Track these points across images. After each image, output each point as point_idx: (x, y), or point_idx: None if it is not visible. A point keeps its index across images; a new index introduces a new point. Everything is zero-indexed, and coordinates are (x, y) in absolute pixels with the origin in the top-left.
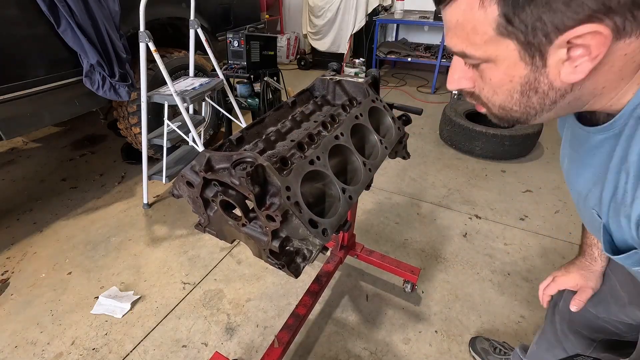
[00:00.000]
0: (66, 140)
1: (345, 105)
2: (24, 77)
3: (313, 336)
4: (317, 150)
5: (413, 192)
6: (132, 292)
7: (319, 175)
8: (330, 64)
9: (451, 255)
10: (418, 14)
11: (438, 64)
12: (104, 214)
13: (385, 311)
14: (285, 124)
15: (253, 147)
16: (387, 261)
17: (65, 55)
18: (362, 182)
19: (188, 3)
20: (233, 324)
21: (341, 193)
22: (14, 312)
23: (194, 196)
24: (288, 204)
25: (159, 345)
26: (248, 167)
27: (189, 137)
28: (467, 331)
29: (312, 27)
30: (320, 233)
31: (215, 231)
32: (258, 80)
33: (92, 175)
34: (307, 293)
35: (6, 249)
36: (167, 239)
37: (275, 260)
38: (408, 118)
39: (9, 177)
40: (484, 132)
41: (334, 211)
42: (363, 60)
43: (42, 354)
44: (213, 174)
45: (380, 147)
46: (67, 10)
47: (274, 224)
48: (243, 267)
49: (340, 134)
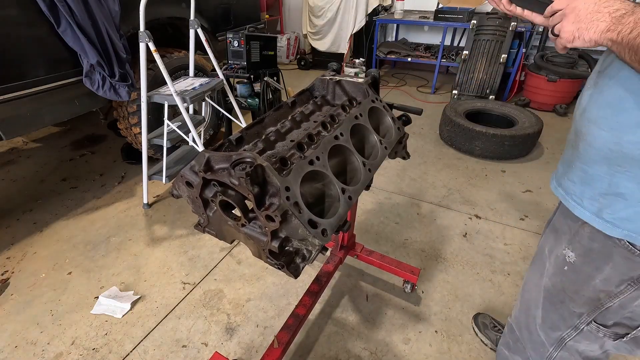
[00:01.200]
0: (66, 140)
1: (345, 105)
2: (24, 77)
3: (313, 336)
4: (317, 151)
5: (413, 192)
6: (132, 292)
7: (319, 175)
8: (330, 64)
9: (451, 255)
10: (418, 14)
11: (438, 64)
12: (104, 214)
13: (385, 311)
14: (284, 124)
15: (252, 147)
16: (387, 261)
17: (65, 55)
18: (362, 182)
19: (188, 3)
20: (233, 324)
21: (341, 193)
22: (14, 312)
23: (193, 196)
24: (287, 204)
25: (159, 345)
26: (247, 168)
27: (189, 137)
28: (467, 331)
29: (312, 27)
30: (320, 233)
31: (214, 231)
32: (258, 80)
33: (92, 175)
34: (307, 293)
35: (6, 249)
36: (167, 239)
37: (275, 260)
38: (408, 118)
39: (9, 177)
40: (484, 132)
41: (334, 211)
42: (363, 60)
43: (42, 354)
44: (212, 174)
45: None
46: (67, 10)
47: (273, 224)
48: (243, 267)
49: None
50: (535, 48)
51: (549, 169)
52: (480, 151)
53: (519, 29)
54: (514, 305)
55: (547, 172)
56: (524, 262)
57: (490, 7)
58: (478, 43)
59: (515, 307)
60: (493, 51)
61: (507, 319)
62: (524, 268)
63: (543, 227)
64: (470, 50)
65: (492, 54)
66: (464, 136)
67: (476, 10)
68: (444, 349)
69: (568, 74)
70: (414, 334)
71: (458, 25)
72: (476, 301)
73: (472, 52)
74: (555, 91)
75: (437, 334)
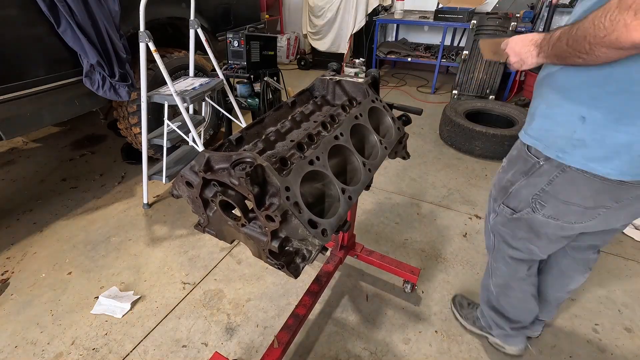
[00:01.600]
0: (66, 140)
1: (345, 105)
2: (24, 77)
3: (313, 336)
4: (317, 151)
5: (413, 192)
6: (132, 292)
7: (319, 175)
8: (330, 64)
9: (451, 255)
10: (418, 14)
11: (438, 64)
12: (104, 214)
13: (385, 311)
14: (285, 124)
15: (252, 147)
16: (387, 261)
17: (65, 55)
18: (362, 182)
19: (188, 3)
20: (233, 324)
21: (341, 193)
22: (14, 312)
23: (193, 196)
24: (287, 204)
25: (159, 345)
26: (247, 168)
27: (189, 137)
28: (467, 331)
29: (312, 27)
30: (320, 233)
31: (214, 231)
32: (258, 80)
33: (92, 175)
34: (307, 293)
35: (6, 249)
36: (167, 239)
37: (275, 260)
38: (408, 118)
39: (9, 177)
40: (484, 132)
41: (334, 211)
42: (363, 60)
43: (42, 354)
44: (212, 174)
45: (380, 147)
46: (67, 10)
47: (273, 224)
48: (243, 267)
49: (340, 134)
50: None
51: None
52: (480, 151)
53: (519, 29)
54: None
55: None
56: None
57: (490, 7)
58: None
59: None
60: None
61: None
62: None
63: None
64: (470, 50)
65: None
66: (464, 136)
67: (476, 10)
68: (444, 349)
69: None
70: (414, 334)
71: (458, 25)
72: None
73: (472, 52)
74: None
75: (437, 334)
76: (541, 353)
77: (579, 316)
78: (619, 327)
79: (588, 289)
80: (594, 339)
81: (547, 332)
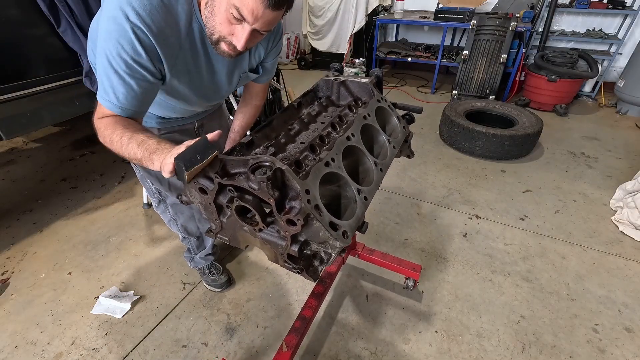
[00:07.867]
0: (66, 140)
1: (351, 105)
2: (24, 77)
3: (314, 336)
4: (331, 152)
5: (413, 192)
6: (132, 292)
7: (335, 177)
8: (332, 64)
9: (451, 255)
10: (418, 14)
11: (438, 64)
12: (104, 214)
13: (386, 311)
14: (293, 126)
15: (264, 151)
16: (388, 259)
17: (65, 55)
18: (375, 182)
19: None
20: (233, 324)
21: (356, 194)
22: (14, 312)
23: (206, 202)
24: (309, 208)
25: (159, 345)
26: (268, 172)
27: None
28: (467, 331)
29: (312, 27)
30: (341, 235)
31: (227, 237)
32: None
33: (92, 175)
34: (312, 295)
35: (6, 249)
36: (167, 239)
37: (293, 264)
38: (411, 117)
39: (9, 177)
40: (484, 132)
41: (350, 213)
42: (363, 60)
43: (42, 354)
44: (229, 180)
45: (388, 147)
46: (67, 10)
47: (294, 228)
48: (243, 267)
49: (352, 135)
50: (536, 48)
51: (549, 169)
52: (480, 151)
53: (519, 28)
54: None
55: (547, 172)
56: (524, 262)
57: (490, 7)
58: (478, 43)
59: None
60: (493, 51)
61: None
62: (524, 268)
63: (543, 227)
64: (470, 50)
65: (492, 54)
66: (464, 136)
67: (476, 10)
68: (444, 348)
69: (568, 74)
70: (414, 333)
71: (458, 25)
72: (476, 301)
73: (472, 52)
74: (555, 91)
75: (437, 333)
76: (541, 353)
77: (579, 316)
78: (619, 327)
79: (588, 289)
80: (594, 339)
81: (547, 332)
